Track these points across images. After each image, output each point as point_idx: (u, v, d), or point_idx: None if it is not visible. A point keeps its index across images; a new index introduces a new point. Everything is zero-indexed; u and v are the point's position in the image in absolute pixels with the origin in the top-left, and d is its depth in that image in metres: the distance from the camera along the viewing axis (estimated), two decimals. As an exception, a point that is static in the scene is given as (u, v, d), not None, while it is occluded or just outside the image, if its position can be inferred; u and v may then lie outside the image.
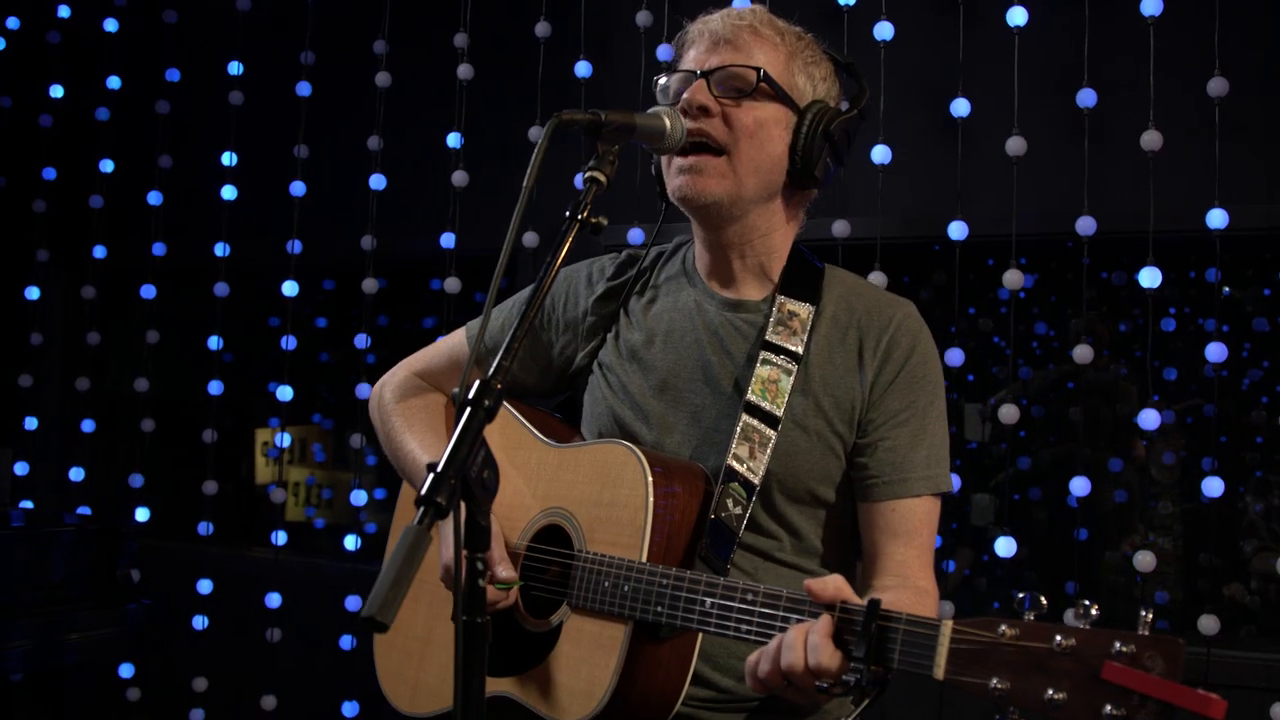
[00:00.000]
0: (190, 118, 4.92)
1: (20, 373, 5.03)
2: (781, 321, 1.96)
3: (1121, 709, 1.21)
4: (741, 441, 1.88)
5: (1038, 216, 3.68)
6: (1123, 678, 1.21)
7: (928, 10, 3.86)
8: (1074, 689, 1.24)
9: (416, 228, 4.42)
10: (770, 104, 1.93)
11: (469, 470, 1.32)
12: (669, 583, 1.74)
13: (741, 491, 1.87)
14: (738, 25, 1.95)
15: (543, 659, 1.88)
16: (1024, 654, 1.29)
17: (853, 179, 3.81)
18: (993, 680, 1.30)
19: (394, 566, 1.21)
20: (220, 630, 4.57)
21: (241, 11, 4.66)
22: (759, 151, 1.93)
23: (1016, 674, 1.29)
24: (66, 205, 5.09)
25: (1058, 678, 1.25)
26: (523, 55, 4.22)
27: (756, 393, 1.91)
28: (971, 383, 5.43)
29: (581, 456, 2.00)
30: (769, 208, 2.00)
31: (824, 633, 1.49)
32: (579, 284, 2.21)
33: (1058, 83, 3.67)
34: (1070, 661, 1.25)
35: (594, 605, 1.82)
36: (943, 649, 1.37)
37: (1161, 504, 5.09)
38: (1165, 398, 5.28)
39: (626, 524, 1.83)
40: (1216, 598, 4.48)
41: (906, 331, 1.96)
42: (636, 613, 1.76)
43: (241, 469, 5.96)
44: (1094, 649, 1.24)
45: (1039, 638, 1.28)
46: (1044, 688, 1.26)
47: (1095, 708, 1.22)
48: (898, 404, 1.93)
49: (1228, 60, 3.41)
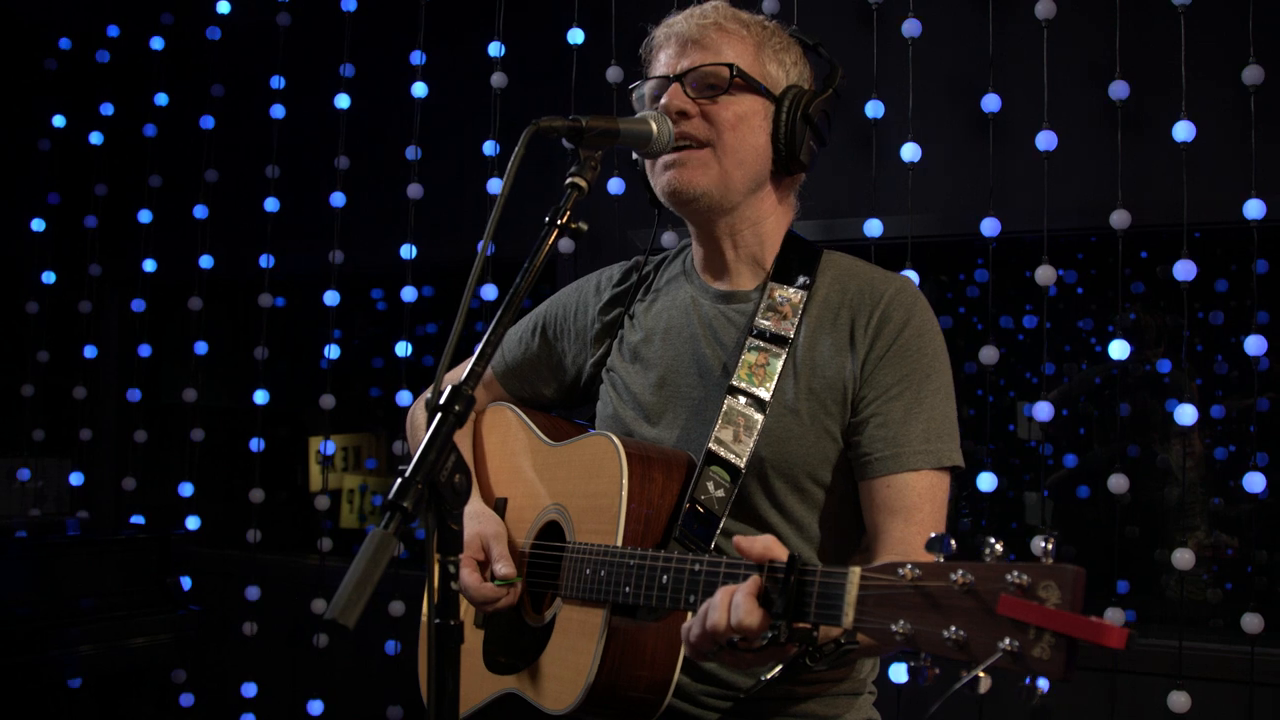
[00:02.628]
0: (234, 132, 5.01)
1: (75, 385, 5.14)
2: (771, 308, 1.96)
3: (1017, 642, 1.17)
4: (725, 425, 1.88)
5: (1071, 212, 3.63)
6: (1017, 610, 1.16)
7: (956, 6, 3.83)
8: (970, 625, 1.20)
9: (454, 235, 4.46)
10: (747, 96, 1.94)
11: (438, 475, 1.33)
12: (634, 562, 1.73)
13: (724, 475, 1.86)
14: (703, 25, 1.95)
15: (540, 653, 1.90)
16: (924, 595, 1.25)
17: (884, 178, 3.79)
18: (896, 624, 1.27)
19: (358, 569, 1.23)
20: (269, 636, 4.65)
21: (281, 26, 4.74)
22: (742, 143, 1.93)
23: (918, 615, 1.25)
24: (117, 220, 5.20)
25: (955, 615, 1.22)
26: (557, 62, 4.25)
27: (742, 377, 1.91)
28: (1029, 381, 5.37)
29: (573, 452, 2.02)
30: (758, 197, 2.00)
31: (747, 591, 1.46)
32: (588, 293, 2.24)
33: (1089, 76, 3.63)
34: (968, 599, 1.21)
35: (579, 594, 1.83)
36: (850, 596, 1.34)
37: (1213, 501, 5.00)
38: (1226, 392, 5.18)
39: (605, 511, 1.84)
40: (1270, 596, 4.40)
41: (899, 305, 1.93)
42: (610, 595, 1.76)
43: (296, 477, 6.04)
44: (989, 583, 1.20)
45: (938, 576, 1.24)
46: (943, 626, 1.22)
47: (992, 643, 1.18)
48: (890, 378, 1.89)
49: (1262, 47, 3.35)
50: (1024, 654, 1.16)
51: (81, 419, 5.20)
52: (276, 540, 4.76)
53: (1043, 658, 1.15)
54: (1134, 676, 3.53)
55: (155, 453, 5.22)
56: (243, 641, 4.61)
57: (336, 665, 4.50)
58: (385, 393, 5.83)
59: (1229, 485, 5.07)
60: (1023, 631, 1.16)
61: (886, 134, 3.80)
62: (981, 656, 1.19)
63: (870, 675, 2.03)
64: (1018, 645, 1.16)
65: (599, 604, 1.79)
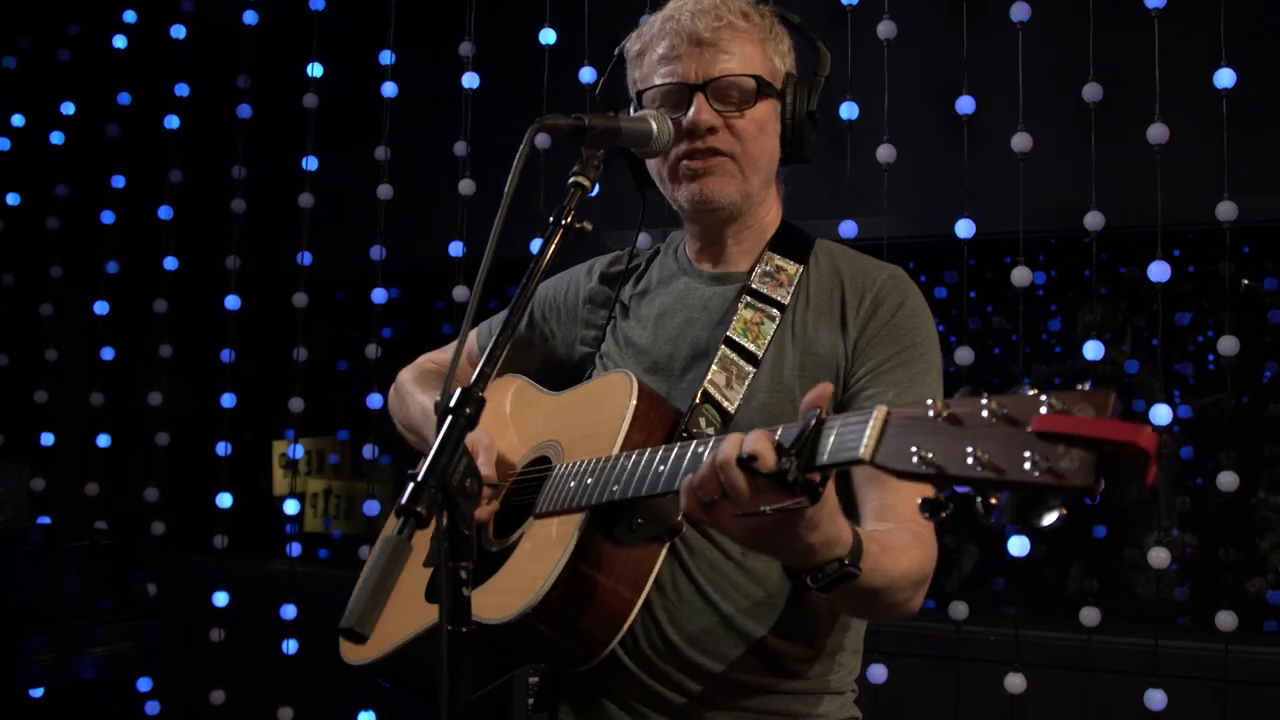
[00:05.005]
0: (199, 132, 4.94)
1: (36, 389, 5.06)
2: (768, 274, 1.95)
3: (1046, 458, 1.14)
4: (720, 369, 1.87)
5: (1046, 213, 3.66)
6: (1050, 424, 1.14)
7: (932, 8, 3.85)
8: (998, 446, 1.18)
9: (426, 237, 4.42)
10: (764, 102, 1.93)
11: (450, 478, 1.31)
12: (629, 461, 1.66)
13: (715, 415, 1.85)
14: (717, 25, 1.91)
15: (493, 573, 1.80)
16: (952, 422, 1.22)
17: (859, 179, 3.80)
18: (916, 452, 1.23)
19: (373, 577, 1.21)
20: (237, 642, 4.59)
21: (248, 26, 4.68)
22: (762, 152, 1.94)
23: (941, 442, 1.22)
24: (79, 221, 5.12)
25: (983, 438, 1.19)
26: (528, 63, 4.22)
27: (738, 331, 1.90)
28: (992, 384, 5.40)
29: (577, 393, 2.00)
30: (764, 193, 2.01)
31: (761, 431, 1.42)
32: (579, 275, 2.23)
33: (1063, 78, 3.65)
34: (1001, 424, 1.18)
35: (556, 508, 1.76)
36: (872, 427, 1.28)
37: (1180, 500, 5.05)
38: (1185, 392, 5.24)
39: (605, 433, 1.80)
40: (1237, 594, 4.44)
41: (893, 289, 1.93)
42: (594, 498, 1.68)
43: (260, 481, 5.98)
44: (1024, 408, 1.18)
45: (969, 406, 1.22)
46: (966, 450, 1.19)
47: (1017, 459, 1.15)
48: (882, 354, 1.88)
49: (1234, 51, 3.38)
50: (1053, 466, 1.13)
51: (43, 423, 5.11)
52: (240, 545, 4.70)
53: (1071, 467, 1.12)
54: (1108, 675, 3.56)
55: (118, 457, 5.14)
56: (210, 648, 4.54)
57: (306, 671, 4.44)
58: (350, 395, 5.78)
59: (1195, 484, 5.12)
60: (1051, 448, 1.14)
61: (861, 135, 3.81)
62: (1006, 473, 1.16)
63: (852, 674, 2.02)
64: (1043, 460, 1.14)
65: (574, 513, 1.72)
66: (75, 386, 5.31)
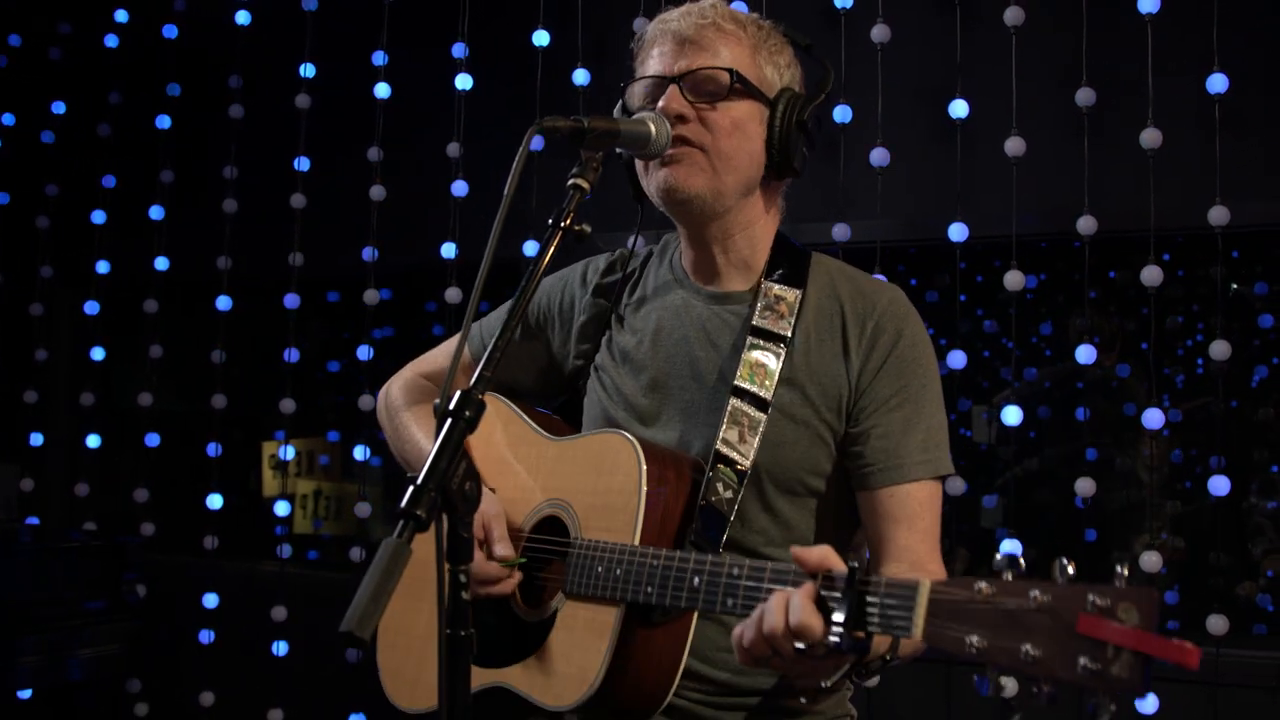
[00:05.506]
0: (191, 132, 4.92)
1: (25, 389, 5.03)
2: (769, 307, 1.95)
3: (1097, 662, 1.21)
4: (730, 425, 1.88)
5: (1038, 217, 3.66)
6: (1097, 630, 1.21)
7: (925, 11, 3.85)
8: (1049, 643, 1.24)
9: (418, 238, 4.41)
10: (744, 101, 1.92)
11: (449, 482, 1.31)
12: (659, 563, 1.73)
13: (732, 476, 1.86)
14: (701, 24, 1.92)
15: (537, 647, 1.88)
16: (1000, 611, 1.29)
17: (852, 182, 3.80)
18: (969, 639, 1.30)
19: (373, 580, 1.20)
20: (227, 644, 4.57)
21: (241, 26, 4.67)
22: (737, 150, 1.92)
23: (993, 631, 1.29)
24: (69, 221, 5.10)
25: (1033, 633, 1.26)
26: (522, 64, 4.22)
27: (744, 377, 1.90)
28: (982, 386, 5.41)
29: (578, 448, 2.00)
30: (749, 201, 1.99)
31: (806, 595, 1.47)
32: (574, 283, 2.22)
33: (1056, 82, 3.65)
34: (1046, 617, 1.25)
35: (588, 591, 1.81)
36: (921, 609, 1.36)
37: (1170, 503, 5.06)
38: (1174, 396, 5.25)
39: (620, 510, 1.83)
40: (1228, 597, 4.46)
41: (892, 316, 1.94)
42: (628, 595, 1.75)
43: (249, 482, 5.96)
44: (1069, 604, 1.24)
45: (1015, 594, 1.28)
46: (1020, 643, 1.26)
47: (1070, 661, 1.22)
48: (888, 390, 1.91)
49: (1226, 56, 3.40)
50: (1105, 672, 1.20)
51: (33, 423, 5.09)
52: (230, 546, 4.69)
53: (1122, 675, 1.19)
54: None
55: (108, 458, 5.13)
56: (200, 650, 4.53)
57: (296, 673, 4.43)
58: (340, 397, 5.77)
59: (1184, 488, 5.14)
60: (1102, 650, 1.21)
61: (855, 139, 3.81)
62: (1059, 673, 1.23)
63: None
64: (1098, 665, 1.21)
65: (609, 602, 1.78)
66: (65, 387, 5.28)
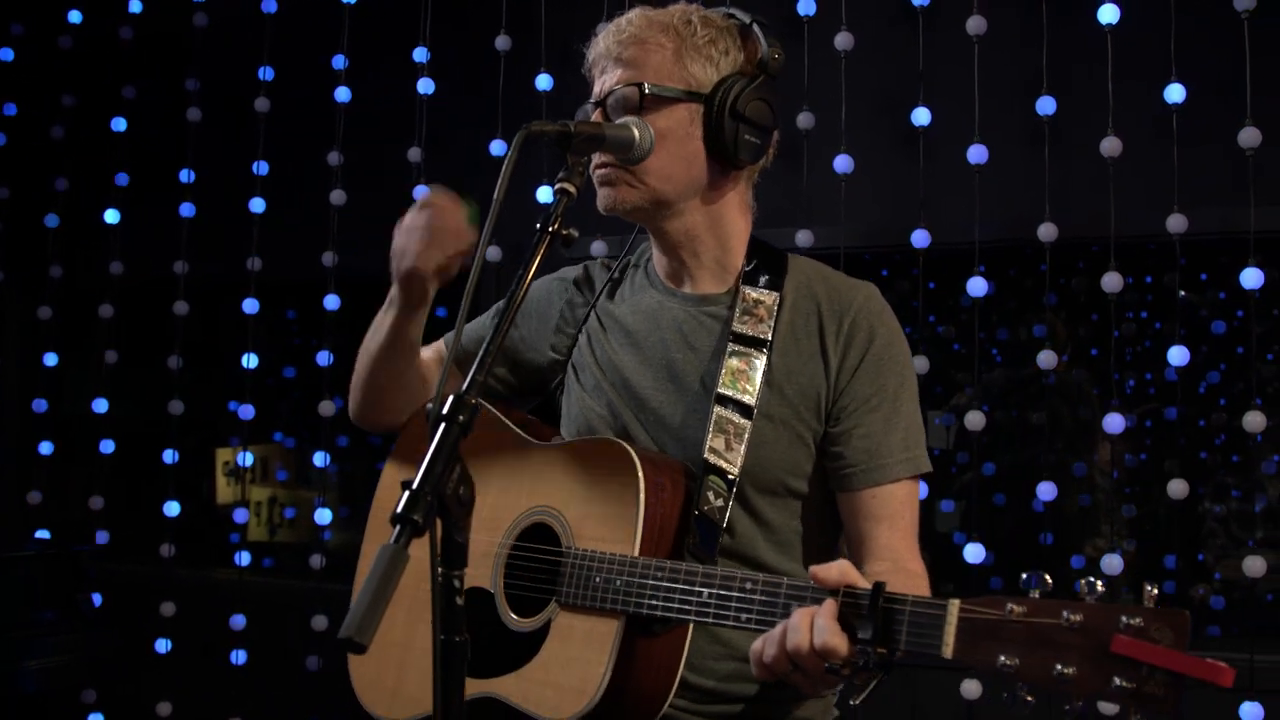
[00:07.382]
0: (147, 135, 4.86)
1: (-25, 395, 4.96)
2: (748, 311, 1.96)
3: (1131, 681, 1.24)
4: (717, 434, 1.88)
5: (1000, 224, 3.70)
6: (1131, 650, 1.24)
7: (887, 20, 3.89)
8: (1083, 662, 1.27)
9: (379, 244, 4.37)
10: (667, 109, 1.92)
11: (444, 486, 1.30)
12: (664, 575, 1.73)
13: (722, 484, 1.87)
14: (621, 40, 1.94)
15: (530, 658, 1.86)
16: (1032, 630, 1.31)
17: (815, 189, 3.82)
18: (1001, 657, 1.32)
19: (371, 586, 1.19)
20: (184, 653, 4.51)
21: (198, 28, 4.62)
22: (668, 158, 1.92)
23: (1025, 650, 1.31)
24: (21, 225, 5.02)
25: (1066, 653, 1.28)
26: (484, 69, 4.20)
27: (727, 384, 1.91)
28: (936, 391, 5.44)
29: (569, 454, 1.98)
30: (706, 201, 1.99)
31: (830, 614, 1.48)
32: (552, 283, 2.23)
33: (1017, 91, 3.70)
34: (1078, 636, 1.27)
35: (585, 602, 1.80)
36: (950, 628, 1.37)
37: (1124, 507, 5.13)
38: (1125, 401, 5.32)
39: (616, 519, 1.82)
40: (1182, 600, 4.52)
41: (867, 314, 1.96)
42: (630, 607, 1.75)
43: (203, 489, 5.89)
44: (1102, 623, 1.27)
45: (1047, 614, 1.30)
46: (1053, 662, 1.28)
47: (1104, 680, 1.25)
48: (867, 389, 1.92)
49: (1184, 66, 3.45)
50: (1139, 691, 1.24)
51: (-18, 430, 5.01)
52: (185, 555, 4.63)
53: (1157, 694, 1.23)
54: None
55: (61, 465, 5.05)
56: (156, 659, 4.47)
57: (256, 683, 4.39)
58: (298, 403, 5.71)
59: (1136, 492, 5.20)
60: (1136, 670, 1.24)
61: (818, 146, 3.83)
62: (1093, 692, 1.25)
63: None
64: (1132, 684, 1.24)
65: (608, 614, 1.77)
66: (16, 393, 5.19)
